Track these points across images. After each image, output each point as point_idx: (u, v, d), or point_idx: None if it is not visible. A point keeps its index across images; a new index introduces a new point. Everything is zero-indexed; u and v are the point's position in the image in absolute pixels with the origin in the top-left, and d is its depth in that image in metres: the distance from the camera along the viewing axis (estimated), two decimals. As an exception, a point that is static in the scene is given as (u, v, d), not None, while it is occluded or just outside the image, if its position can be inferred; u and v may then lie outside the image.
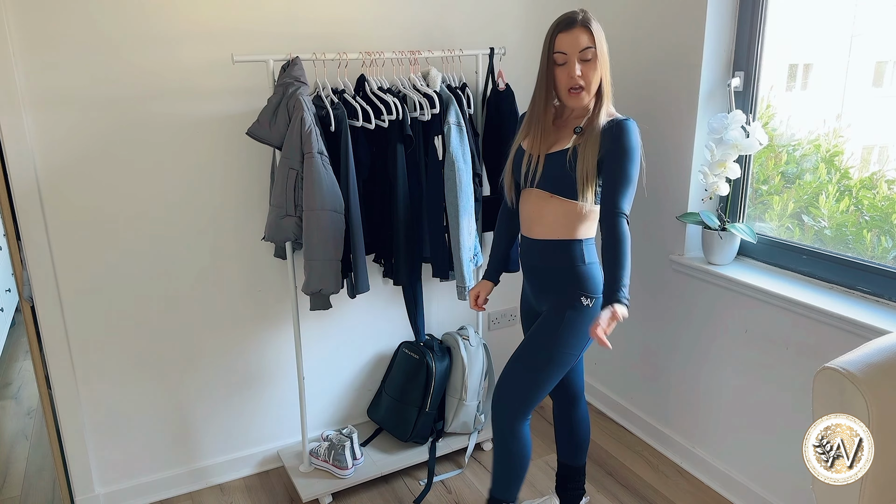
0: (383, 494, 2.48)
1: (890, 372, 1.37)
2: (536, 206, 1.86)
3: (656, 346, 2.68)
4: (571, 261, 1.85)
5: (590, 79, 1.74)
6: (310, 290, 2.12)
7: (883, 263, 1.98)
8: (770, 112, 2.31)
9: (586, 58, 1.72)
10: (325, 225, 2.06)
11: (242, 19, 2.24)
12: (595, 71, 1.74)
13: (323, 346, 2.65)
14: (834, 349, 1.96)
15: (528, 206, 1.89)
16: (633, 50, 2.58)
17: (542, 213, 1.85)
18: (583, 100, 1.77)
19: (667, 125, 2.46)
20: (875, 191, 2.04)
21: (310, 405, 2.66)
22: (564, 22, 1.73)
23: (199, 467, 2.53)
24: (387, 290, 2.72)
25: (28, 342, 2.35)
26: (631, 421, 2.87)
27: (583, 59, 1.72)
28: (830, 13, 2.16)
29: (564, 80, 1.75)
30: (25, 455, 2.85)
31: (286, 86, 2.07)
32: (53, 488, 2.60)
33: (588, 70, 1.73)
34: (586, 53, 1.72)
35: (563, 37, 1.72)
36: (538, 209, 1.86)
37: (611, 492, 2.46)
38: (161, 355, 2.38)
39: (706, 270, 2.35)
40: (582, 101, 1.77)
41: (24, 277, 2.18)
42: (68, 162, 2.11)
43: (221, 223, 2.37)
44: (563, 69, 1.75)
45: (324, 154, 2.07)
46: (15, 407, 3.31)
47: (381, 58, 2.25)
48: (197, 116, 2.25)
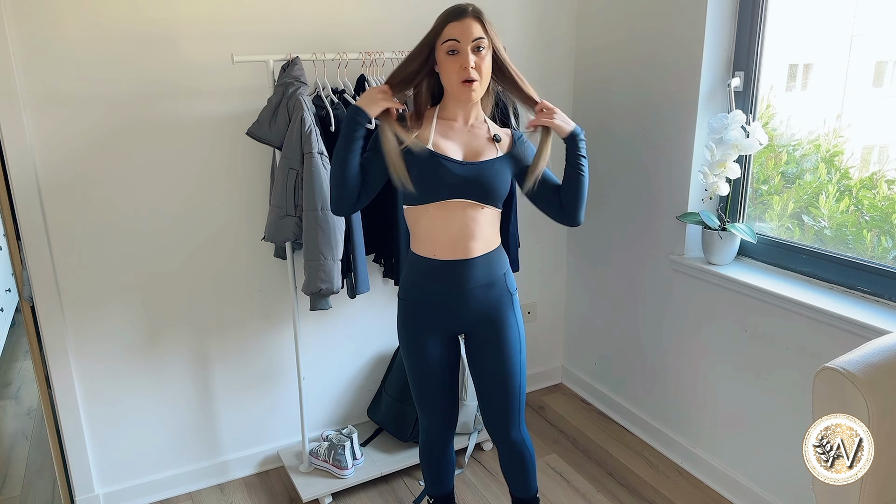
0: (383, 494, 2.48)
1: (890, 372, 1.37)
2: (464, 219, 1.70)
3: (656, 346, 2.68)
4: (503, 268, 1.81)
5: (483, 71, 1.63)
6: (310, 290, 2.12)
7: (883, 263, 1.98)
8: (770, 112, 2.31)
9: (479, 47, 1.62)
10: (325, 225, 2.06)
11: (242, 19, 2.24)
12: (486, 63, 1.64)
13: (323, 346, 2.65)
14: (834, 349, 1.96)
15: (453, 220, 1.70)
16: (633, 50, 2.58)
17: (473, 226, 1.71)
18: (476, 93, 1.65)
19: (667, 125, 2.46)
20: (875, 191, 2.04)
21: (310, 405, 2.66)
22: (454, 12, 1.63)
23: (199, 467, 2.53)
24: (387, 290, 2.72)
25: (28, 342, 2.35)
26: (631, 421, 2.87)
27: (476, 49, 1.62)
28: (830, 13, 2.16)
29: (455, 69, 1.62)
30: (25, 455, 2.85)
31: (286, 86, 2.07)
32: (53, 488, 2.60)
33: (481, 62, 1.62)
34: (479, 43, 1.62)
35: (454, 25, 1.62)
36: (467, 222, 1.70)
37: (611, 492, 2.46)
38: (161, 356, 2.38)
39: (706, 270, 2.35)
40: (475, 94, 1.65)
41: (24, 277, 2.18)
42: (68, 162, 2.11)
43: (221, 223, 2.37)
44: (453, 59, 1.62)
45: (324, 154, 2.07)
46: (15, 407, 3.31)
47: (381, 58, 2.25)
48: (197, 116, 2.25)
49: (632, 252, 2.74)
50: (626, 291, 2.79)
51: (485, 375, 1.84)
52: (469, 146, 1.73)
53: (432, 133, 1.71)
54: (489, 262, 1.76)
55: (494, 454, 2.71)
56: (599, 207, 2.85)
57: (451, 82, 1.65)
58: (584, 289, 3.07)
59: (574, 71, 2.92)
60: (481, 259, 1.74)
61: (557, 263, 3.14)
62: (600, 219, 2.86)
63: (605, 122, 2.77)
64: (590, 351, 3.08)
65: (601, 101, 2.78)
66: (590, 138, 2.47)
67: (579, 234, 3.04)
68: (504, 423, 1.85)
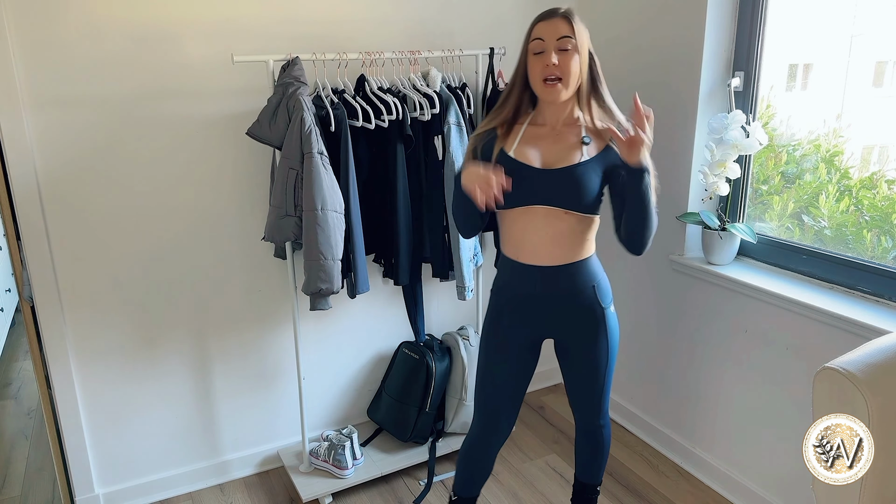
0: (383, 494, 2.48)
1: (890, 372, 1.37)
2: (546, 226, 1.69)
3: (656, 347, 2.68)
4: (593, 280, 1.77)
5: (567, 69, 1.61)
6: (310, 290, 2.12)
7: (883, 263, 1.98)
8: (770, 112, 2.31)
9: (564, 47, 1.60)
10: (324, 225, 2.06)
11: (242, 19, 2.24)
12: (573, 62, 1.61)
13: (323, 346, 2.65)
14: (834, 349, 1.96)
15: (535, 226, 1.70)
16: (633, 50, 2.58)
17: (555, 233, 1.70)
18: (559, 93, 1.63)
19: (667, 125, 2.46)
20: (875, 191, 2.04)
21: (310, 405, 2.66)
22: (546, 13, 1.65)
23: (199, 467, 2.53)
24: (387, 290, 2.72)
25: (28, 342, 2.35)
26: (631, 421, 2.87)
27: (561, 49, 1.61)
28: (830, 13, 2.16)
29: (539, 68, 1.63)
30: (25, 455, 2.85)
31: (286, 86, 2.07)
32: (53, 488, 2.60)
33: (565, 60, 1.61)
34: (564, 43, 1.60)
35: (542, 25, 1.63)
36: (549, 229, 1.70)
37: (611, 492, 2.46)
38: (161, 356, 2.38)
39: (706, 270, 2.35)
40: (558, 94, 1.63)
41: (24, 277, 2.18)
42: (68, 162, 2.11)
43: (221, 223, 2.37)
44: (538, 58, 1.63)
45: (324, 154, 2.07)
46: (15, 407, 3.31)
47: (381, 58, 2.25)
48: (197, 116, 2.25)
49: (632, 252, 2.73)
50: (626, 292, 2.79)
51: (571, 379, 1.89)
52: (551, 152, 1.70)
53: (517, 140, 1.72)
54: (575, 272, 1.74)
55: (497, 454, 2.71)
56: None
57: (535, 82, 1.66)
58: (584, 289, 3.06)
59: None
60: (565, 268, 1.73)
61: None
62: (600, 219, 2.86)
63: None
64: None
65: (601, 101, 2.78)
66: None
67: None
68: (588, 412, 1.92)
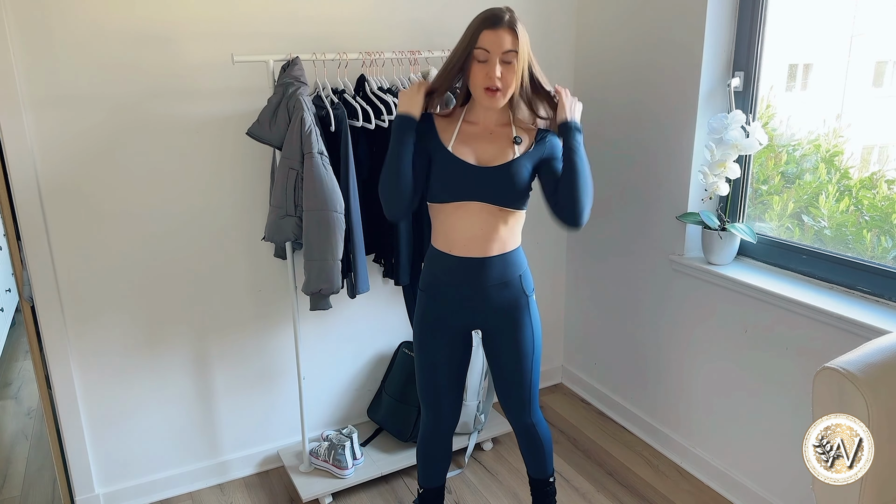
0: (383, 494, 2.48)
1: (890, 372, 1.37)
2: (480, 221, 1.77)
3: (656, 346, 2.68)
4: (520, 269, 1.86)
5: (508, 82, 1.69)
6: (310, 290, 2.12)
7: (883, 263, 1.98)
8: (770, 112, 2.32)
9: (508, 60, 1.68)
10: (325, 225, 2.06)
11: (242, 19, 2.24)
12: (513, 74, 1.69)
13: (323, 346, 2.65)
14: (834, 349, 1.96)
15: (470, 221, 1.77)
16: (632, 50, 2.58)
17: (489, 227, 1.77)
18: (499, 101, 1.72)
19: (667, 125, 2.46)
20: (875, 191, 2.04)
21: (310, 405, 2.66)
22: (490, 19, 1.67)
23: (199, 467, 2.53)
24: (387, 290, 2.72)
25: (28, 342, 2.35)
26: (631, 421, 2.87)
27: (504, 61, 1.68)
28: (830, 13, 2.16)
29: (482, 77, 1.69)
30: (25, 455, 2.86)
31: (286, 86, 2.07)
32: (53, 488, 2.60)
33: (508, 73, 1.68)
34: (509, 56, 1.67)
35: (488, 35, 1.66)
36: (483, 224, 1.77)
37: (611, 492, 2.47)
38: (161, 355, 2.38)
39: (706, 270, 2.35)
40: (498, 102, 1.72)
41: (24, 277, 2.18)
42: (68, 162, 2.11)
43: (221, 223, 2.37)
44: (481, 67, 1.69)
45: (324, 154, 2.07)
46: (15, 407, 3.31)
47: (381, 58, 2.25)
48: (197, 116, 2.25)
49: (632, 252, 2.74)
50: (626, 292, 2.79)
51: (499, 370, 1.95)
52: (486, 151, 1.78)
53: (454, 136, 1.79)
54: (505, 263, 1.82)
55: (495, 454, 2.71)
56: (599, 207, 2.85)
57: (475, 87, 1.72)
58: (584, 289, 3.07)
59: (574, 70, 2.92)
60: (497, 259, 1.81)
61: (557, 264, 3.14)
62: (600, 219, 2.86)
63: (605, 122, 2.77)
64: (589, 351, 3.08)
65: (601, 101, 2.78)
66: (589, 137, 2.47)
67: (579, 234, 3.03)
68: (517, 409, 1.98)
